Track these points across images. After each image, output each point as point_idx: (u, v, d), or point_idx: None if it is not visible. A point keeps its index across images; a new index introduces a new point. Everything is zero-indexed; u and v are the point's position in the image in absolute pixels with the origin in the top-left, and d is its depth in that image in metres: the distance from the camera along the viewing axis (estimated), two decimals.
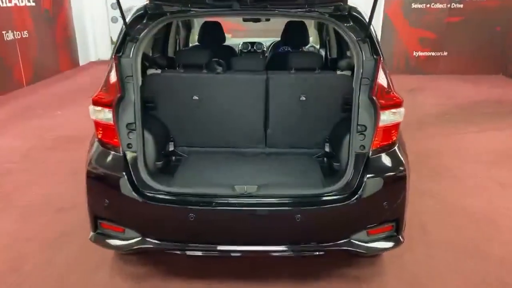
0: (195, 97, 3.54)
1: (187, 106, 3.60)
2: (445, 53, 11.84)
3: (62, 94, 9.45)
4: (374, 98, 2.79)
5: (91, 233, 2.98)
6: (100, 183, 2.86)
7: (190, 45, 6.38)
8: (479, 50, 11.63)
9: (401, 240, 2.94)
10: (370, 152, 2.84)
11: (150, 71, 3.49)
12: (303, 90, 3.52)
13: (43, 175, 5.09)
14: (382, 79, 2.85)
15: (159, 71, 3.51)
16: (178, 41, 5.50)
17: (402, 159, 2.91)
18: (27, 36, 10.21)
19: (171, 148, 3.70)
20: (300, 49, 5.04)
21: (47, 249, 3.61)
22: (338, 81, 3.49)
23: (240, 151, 3.82)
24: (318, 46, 6.37)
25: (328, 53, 5.37)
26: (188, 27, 6.28)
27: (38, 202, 4.43)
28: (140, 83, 2.91)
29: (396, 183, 2.85)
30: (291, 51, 5.02)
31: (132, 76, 2.84)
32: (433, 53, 11.85)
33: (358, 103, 2.84)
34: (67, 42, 12.41)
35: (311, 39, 5.69)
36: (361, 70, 2.84)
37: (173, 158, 3.79)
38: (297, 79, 3.49)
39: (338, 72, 3.52)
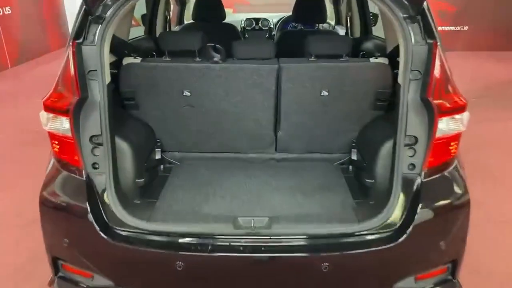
0: (186, 93, 2.78)
1: (176, 104, 2.84)
2: (466, 28, 10.92)
3: (50, 77, 8.63)
4: (430, 99, 2.01)
5: (52, 276, 2.28)
6: (57, 216, 2.15)
7: (185, 22, 5.53)
8: (503, 23, 10.66)
9: (458, 285, 2.22)
10: (423, 173, 2.08)
11: (128, 60, 2.72)
12: (326, 83, 2.74)
13: (18, 177, 4.36)
14: (439, 73, 2.06)
15: (138, 59, 2.73)
16: (168, 19, 4.66)
17: (464, 181, 2.16)
18: (9, 12, 9.35)
19: (158, 156, 2.95)
20: (315, 27, 4.21)
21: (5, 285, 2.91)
22: (372, 72, 2.70)
23: (244, 158, 3.09)
24: (333, 23, 5.50)
25: (348, 33, 4.53)
26: (182, 1, 5.42)
27: (6, 213, 3.69)
28: (108, 79, 2.14)
29: (456, 215, 2.11)
30: (305, 29, 4.17)
31: (96, 70, 2.06)
32: (453, 28, 10.92)
33: (407, 105, 2.07)
34: (56, 19, 11.52)
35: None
36: (410, 60, 2.05)
37: (161, 167, 3.05)
38: (318, 70, 2.71)
39: (372, 60, 2.73)
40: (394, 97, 2.81)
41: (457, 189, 2.12)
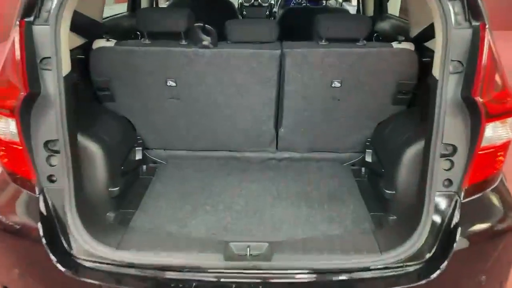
0: (171, 83, 2.33)
1: (159, 96, 2.39)
2: None
3: None
4: (475, 98, 1.57)
5: None
6: (5, 241, 1.73)
7: None
8: None
9: None
10: (462, 192, 1.66)
11: (98, 43, 2.25)
12: (338, 72, 2.29)
13: None
14: (487, 64, 1.61)
15: (112, 42, 2.26)
16: None
17: (510, 199, 1.75)
18: None
19: (139, 155, 2.52)
20: (322, 4, 3.70)
21: None
22: (394, 59, 2.25)
23: (240, 157, 2.67)
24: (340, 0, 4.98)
25: (360, 10, 4.01)
26: None
27: None
28: (68, 68, 1.69)
29: (503, 243, 1.70)
30: (312, 6, 3.65)
31: (51, 58, 1.61)
32: None
33: (444, 105, 1.62)
34: None
35: None
36: (449, 48, 1.59)
37: (144, 168, 2.63)
38: (329, 56, 2.25)
39: (395, 45, 2.27)
40: (418, 90, 2.38)
41: (504, 211, 1.70)
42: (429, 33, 2.12)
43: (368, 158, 2.50)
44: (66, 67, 1.66)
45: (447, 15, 1.58)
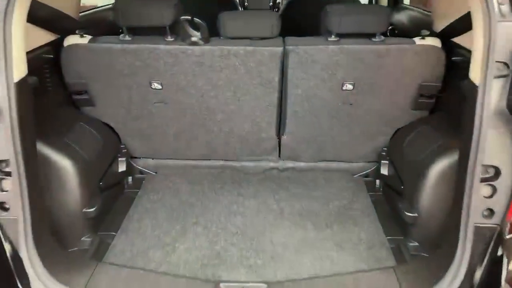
0: (156, 85, 2.02)
1: (144, 100, 2.09)
2: None
3: None
4: None
5: None
6: None
7: None
8: None
9: None
10: (508, 225, 1.34)
11: (70, 40, 1.95)
12: (351, 72, 1.97)
13: None
14: None
15: (85, 39, 1.95)
16: None
17: None
18: None
19: (122, 167, 2.22)
20: None
21: None
22: (417, 58, 1.92)
23: (237, 167, 2.38)
24: None
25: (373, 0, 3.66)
26: None
27: None
28: (23, 72, 1.38)
29: None
30: None
31: None
32: None
33: (484, 117, 1.30)
34: None
35: None
36: (492, 46, 1.26)
37: (130, 179, 2.33)
38: (340, 54, 1.93)
39: (418, 41, 1.93)
40: (443, 93, 2.06)
41: None
42: (459, 27, 1.79)
43: (384, 170, 2.19)
44: (20, 70, 1.36)
45: (490, 4, 1.25)
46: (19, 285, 1.37)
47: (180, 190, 2.22)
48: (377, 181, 2.31)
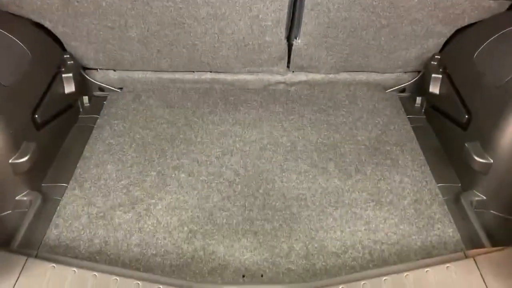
0: None
1: None
2: None
3: None
4: None
5: None
6: None
7: None
8: None
9: None
10: None
11: None
12: None
13: None
14: None
15: None
16: None
17: None
18: None
19: (70, 86, 1.59)
20: None
21: None
22: None
23: (232, 81, 1.78)
24: None
25: None
26: None
27: None
28: None
29: None
30: None
31: None
32: None
33: None
34: None
35: None
36: None
37: (85, 101, 1.73)
38: None
39: None
40: None
41: None
42: None
43: (434, 88, 1.60)
44: None
45: None
46: None
47: (154, 116, 1.65)
48: (418, 99, 1.75)
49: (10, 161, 1.22)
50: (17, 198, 1.28)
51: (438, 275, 0.98)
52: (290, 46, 1.64)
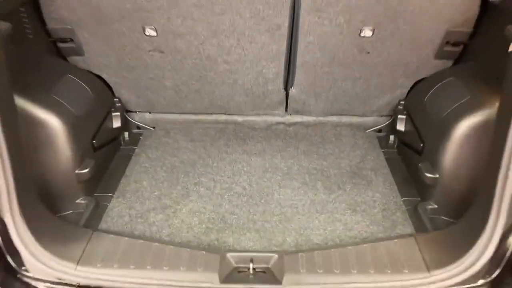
0: (150, 31, 1.80)
1: (137, 47, 1.88)
2: None
3: None
4: None
5: None
6: None
7: None
8: None
9: None
10: None
11: None
12: (370, 16, 1.74)
13: None
14: None
15: None
16: None
17: None
18: None
19: (117, 123, 2.05)
20: None
21: None
22: (445, 2, 1.68)
23: (242, 121, 2.22)
24: None
25: None
26: None
27: None
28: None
29: None
30: None
31: None
32: None
33: None
34: None
35: None
36: None
37: (126, 135, 2.18)
38: None
39: None
40: (472, 39, 1.84)
41: None
42: None
43: (400, 126, 2.03)
44: None
45: None
46: (8, 258, 1.25)
47: (180, 147, 2.07)
48: (391, 137, 2.16)
49: (76, 171, 1.65)
50: (77, 201, 1.69)
51: (385, 247, 1.34)
52: (287, 94, 2.09)
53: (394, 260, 1.30)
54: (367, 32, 1.78)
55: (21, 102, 1.46)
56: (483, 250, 1.22)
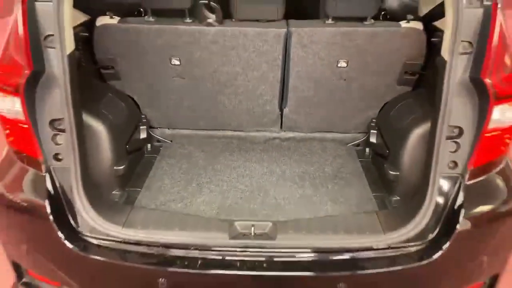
0: (175, 61, 2.31)
1: (163, 74, 2.38)
2: None
3: None
4: (484, 80, 1.55)
5: (14, 282, 1.93)
6: (13, 217, 1.75)
7: None
8: None
9: None
10: (467, 173, 1.66)
11: (102, 21, 2.22)
12: (345, 52, 2.26)
13: None
14: (497, 45, 1.58)
15: (115, 20, 2.23)
16: None
17: None
18: None
19: (143, 134, 2.52)
20: None
21: None
22: (402, 39, 2.22)
23: (244, 136, 2.68)
24: None
25: None
26: None
27: None
28: (71, 47, 1.67)
29: (506, 225, 1.71)
30: None
31: (54, 35, 1.59)
32: None
33: (450, 87, 1.60)
34: None
35: None
36: (460, 28, 1.56)
37: (148, 146, 2.64)
38: (336, 35, 2.22)
39: (404, 24, 2.22)
40: (425, 70, 2.35)
41: (508, 194, 1.71)
42: (438, 12, 2.07)
43: (373, 139, 2.50)
44: (70, 45, 1.65)
45: None
46: (71, 221, 1.68)
47: (193, 156, 2.53)
48: (367, 149, 2.63)
49: (114, 167, 2.10)
50: (113, 192, 2.13)
51: (353, 219, 1.78)
52: (281, 113, 2.56)
53: (360, 226, 1.73)
54: (342, 64, 2.29)
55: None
56: (421, 219, 1.66)
